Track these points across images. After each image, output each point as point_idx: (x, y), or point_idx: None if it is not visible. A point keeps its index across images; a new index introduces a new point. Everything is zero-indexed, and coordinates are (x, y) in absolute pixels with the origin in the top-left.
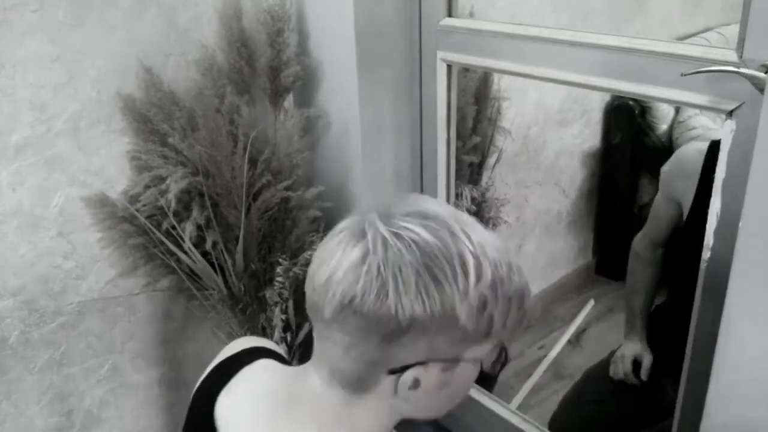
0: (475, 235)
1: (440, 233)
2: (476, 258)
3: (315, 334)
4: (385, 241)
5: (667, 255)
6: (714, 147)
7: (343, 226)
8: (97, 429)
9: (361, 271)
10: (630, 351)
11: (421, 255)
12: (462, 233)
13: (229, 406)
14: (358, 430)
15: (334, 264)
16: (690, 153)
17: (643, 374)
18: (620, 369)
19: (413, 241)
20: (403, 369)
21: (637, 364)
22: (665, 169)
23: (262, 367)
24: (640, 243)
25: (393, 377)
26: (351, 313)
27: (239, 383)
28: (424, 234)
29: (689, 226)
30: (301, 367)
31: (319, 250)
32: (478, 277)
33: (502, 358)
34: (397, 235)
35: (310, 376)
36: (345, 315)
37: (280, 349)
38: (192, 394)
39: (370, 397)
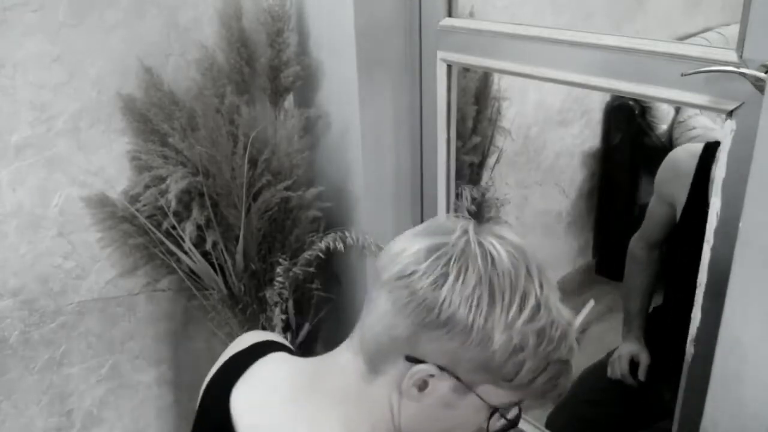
0: (547, 288)
1: (518, 264)
2: (538, 303)
3: (365, 300)
4: (467, 242)
5: (663, 256)
6: (709, 149)
7: (438, 220)
8: (97, 429)
9: (432, 255)
10: (627, 351)
11: (492, 269)
12: (537, 278)
13: (245, 394)
14: (373, 413)
15: (413, 243)
16: (683, 155)
17: (641, 374)
18: (617, 369)
19: (491, 255)
20: (420, 361)
21: (634, 364)
22: (659, 170)
23: (276, 359)
24: (636, 244)
25: (406, 365)
26: (403, 285)
27: (255, 374)
28: (505, 256)
29: (682, 227)
30: (338, 348)
31: (410, 231)
32: (531, 319)
33: (511, 419)
34: (480, 244)
35: (343, 349)
36: (397, 285)
37: (287, 343)
38: (202, 390)
39: (380, 381)
